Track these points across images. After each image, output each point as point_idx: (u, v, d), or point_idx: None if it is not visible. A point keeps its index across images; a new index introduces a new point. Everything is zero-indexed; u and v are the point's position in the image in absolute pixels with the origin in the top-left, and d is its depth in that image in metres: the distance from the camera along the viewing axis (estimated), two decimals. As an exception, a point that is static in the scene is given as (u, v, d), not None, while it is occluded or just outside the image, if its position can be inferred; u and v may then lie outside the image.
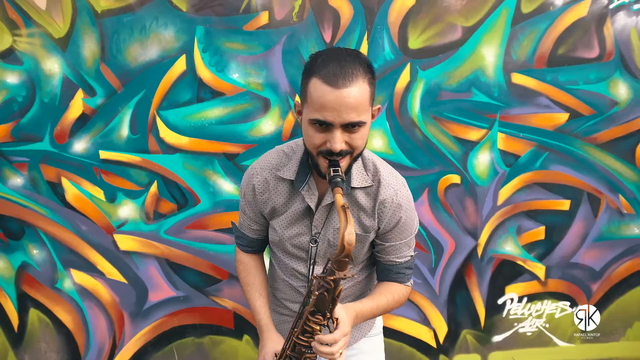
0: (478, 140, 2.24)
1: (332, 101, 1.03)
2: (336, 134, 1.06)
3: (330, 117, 1.05)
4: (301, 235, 1.33)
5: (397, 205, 1.27)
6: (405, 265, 1.36)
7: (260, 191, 1.33)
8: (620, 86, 2.23)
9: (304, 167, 1.27)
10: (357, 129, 1.08)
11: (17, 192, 2.07)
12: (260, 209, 1.37)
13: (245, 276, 1.48)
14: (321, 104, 1.04)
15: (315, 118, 1.07)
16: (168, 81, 2.05)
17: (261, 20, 2.03)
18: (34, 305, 2.18)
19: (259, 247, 1.51)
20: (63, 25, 1.95)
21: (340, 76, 1.03)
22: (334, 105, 1.03)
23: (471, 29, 2.13)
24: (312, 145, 1.13)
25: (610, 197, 2.35)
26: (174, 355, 2.28)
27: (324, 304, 1.11)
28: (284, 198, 1.31)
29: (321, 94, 1.04)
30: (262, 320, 1.41)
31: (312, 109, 1.07)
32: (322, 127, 1.08)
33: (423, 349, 2.40)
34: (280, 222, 1.34)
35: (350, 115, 1.05)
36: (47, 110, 2.01)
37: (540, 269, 2.40)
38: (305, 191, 1.27)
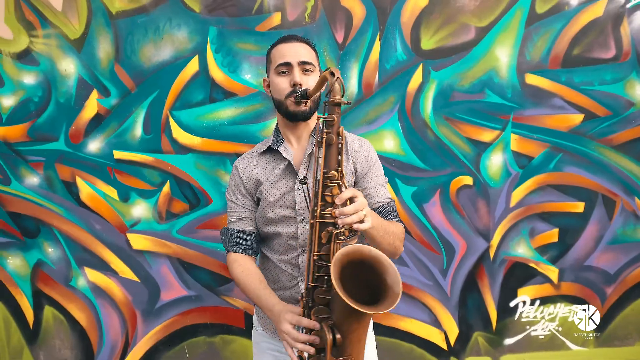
0: (491, 141, 2.22)
1: (288, 48, 1.39)
2: (295, 71, 1.36)
3: (289, 57, 1.36)
4: (286, 194, 1.42)
5: (363, 147, 1.48)
6: (390, 206, 1.46)
7: (243, 169, 1.49)
8: (636, 87, 2.20)
9: (277, 136, 1.48)
10: (311, 72, 1.38)
11: (33, 191, 2.11)
12: (246, 187, 1.48)
13: (241, 271, 1.43)
14: (281, 53, 1.38)
15: (278, 63, 1.37)
16: (181, 82, 2.06)
17: (273, 21, 2.03)
18: (49, 303, 2.21)
19: (251, 244, 1.49)
20: (78, 27, 1.97)
21: (293, 38, 1.42)
22: (290, 51, 1.38)
23: (485, 29, 2.12)
24: (279, 91, 1.38)
25: (625, 200, 2.32)
26: (185, 354, 2.30)
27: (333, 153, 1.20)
28: (266, 167, 1.47)
29: (280, 49, 1.40)
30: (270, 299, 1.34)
31: (276, 61, 1.38)
32: (285, 72, 1.37)
33: (434, 351, 2.38)
34: (265, 187, 1.44)
35: (303, 56, 1.37)
36: (63, 111, 2.04)
37: (554, 271, 2.37)
38: (282, 149, 1.44)
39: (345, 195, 1.14)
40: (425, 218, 2.26)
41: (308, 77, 1.38)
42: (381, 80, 2.14)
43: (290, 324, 1.22)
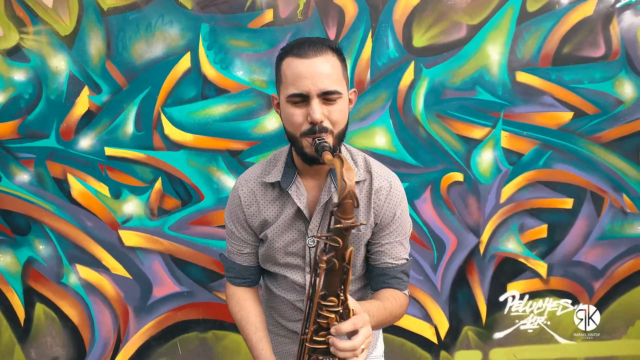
0: (482, 138, 2.24)
1: (305, 71, 1.05)
2: (314, 104, 1.06)
3: (306, 86, 1.05)
4: (295, 241, 1.25)
5: (392, 197, 1.24)
6: (402, 269, 1.28)
7: (247, 203, 1.26)
8: (625, 85, 2.22)
9: (289, 168, 1.23)
10: (335, 101, 1.08)
11: (23, 188, 2.10)
12: (250, 224, 1.28)
13: (238, 311, 1.33)
14: (296, 75, 1.06)
15: (292, 93, 1.07)
16: (173, 78, 2.05)
17: (266, 18, 2.03)
18: (40, 300, 2.21)
19: (251, 278, 1.37)
20: (69, 23, 1.96)
21: (310, 49, 1.06)
22: (307, 74, 1.05)
23: (476, 27, 2.13)
24: (294, 126, 1.10)
25: (613, 196, 2.35)
26: (178, 349, 2.31)
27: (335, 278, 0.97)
28: (274, 207, 1.24)
29: (294, 67, 1.06)
30: (261, 357, 1.26)
31: (289, 85, 1.08)
32: (300, 103, 1.08)
33: (424, 345, 2.41)
34: (272, 232, 1.25)
35: (324, 83, 1.05)
36: (54, 107, 2.03)
37: (542, 266, 2.40)
38: (294, 191, 1.21)
39: (344, 329, 0.97)
40: (416, 214, 2.28)
41: (332, 108, 1.08)
42: (373, 77, 2.15)
43: None
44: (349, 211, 0.92)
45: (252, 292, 1.38)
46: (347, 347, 0.97)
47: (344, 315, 1.01)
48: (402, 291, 1.28)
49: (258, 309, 1.35)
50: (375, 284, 1.30)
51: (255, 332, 1.29)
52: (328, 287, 0.99)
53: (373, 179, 1.23)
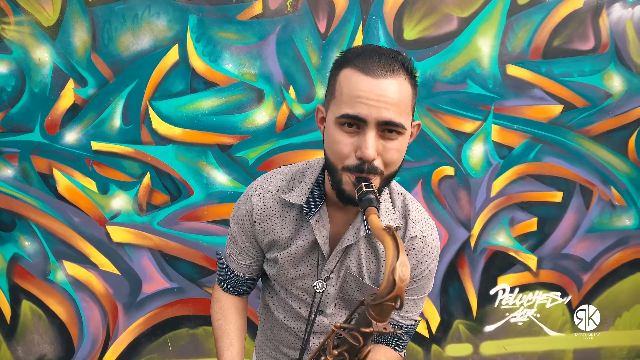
0: (472, 132, 2.24)
1: (368, 92, 0.84)
2: (369, 136, 0.85)
3: (365, 110, 0.84)
4: (305, 277, 1.10)
5: (424, 254, 1.06)
6: (407, 330, 1.13)
7: (259, 218, 1.09)
8: (614, 78, 2.23)
9: (317, 192, 1.04)
10: (395, 137, 0.88)
11: (7, 184, 2.05)
12: (258, 240, 1.14)
13: (218, 319, 1.21)
14: (355, 94, 0.85)
15: (345, 113, 0.86)
16: (161, 71, 2.02)
17: (255, 10, 2.00)
18: (27, 297, 2.17)
19: (242, 289, 1.24)
20: (53, 14, 1.91)
21: (380, 65, 0.85)
22: (371, 97, 0.84)
23: (467, 20, 2.12)
24: (336, 155, 0.90)
25: (602, 189, 2.37)
26: (168, 346, 2.28)
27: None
28: (289, 230, 1.08)
29: (355, 84, 0.85)
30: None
31: (342, 103, 0.87)
32: (352, 129, 0.87)
33: (416, 339, 2.42)
34: (284, 258, 1.10)
35: (389, 112, 0.84)
36: (38, 101, 1.98)
37: (532, 260, 2.42)
38: (315, 221, 1.03)
39: None
40: (408, 208, 2.27)
41: (389, 145, 0.88)
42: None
43: None
44: (386, 314, 0.76)
45: (238, 303, 1.26)
46: None
47: None
48: (399, 352, 1.15)
49: (240, 322, 1.23)
50: None
51: (229, 348, 1.16)
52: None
53: (408, 228, 1.05)
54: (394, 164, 0.91)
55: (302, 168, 1.11)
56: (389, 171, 0.91)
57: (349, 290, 1.10)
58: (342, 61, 0.91)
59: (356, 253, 1.05)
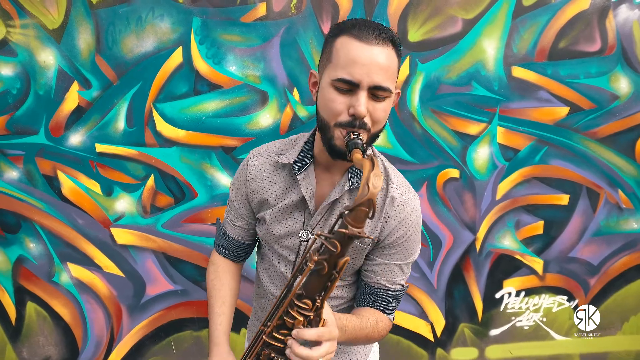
0: (477, 134, 2.22)
1: (363, 57, 0.95)
2: (362, 96, 0.96)
3: (359, 74, 0.95)
4: (293, 234, 1.17)
5: (405, 215, 1.13)
6: (394, 294, 1.18)
7: (252, 177, 1.19)
8: (621, 80, 2.21)
9: (306, 153, 1.15)
10: (382, 99, 0.99)
11: (12, 186, 2.06)
12: (249, 199, 1.22)
13: (212, 279, 1.29)
14: (351, 59, 0.95)
15: (341, 77, 0.96)
16: (164, 73, 2.02)
17: (258, 12, 2.00)
18: (32, 299, 2.18)
19: (237, 254, 1.32)
20: (57, 16, 1.92)
21: (374, 34, 0.96)
22: (365, 62, 0.94)
23: (472, 21, 2.11)
24: (331, 112, 1.00)
25: (609, 192, 2.35)
26: (172, 348, 2.28)
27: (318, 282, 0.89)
28: (278, 189, 1.17)
29: (351, 50, 0.96)
30: (215, 332, 1.21)
31: (339, 67, 0.97)
32: (345, 90, 0.98)
33: (420, 343, 2.40)
34: (270, 216, 1.18)
35: (379, 76, 0.95)
36: (42, 103, 1.99)
37: (539, 263, 2.39)
38: (302, 177, 1.12)
39: (307, 335, 0.90)
40: (412, 211, 2.26)
41: (378, 105, 1.00)
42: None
43: None
44: (361, 219, 0.84)
45: (233, 267, 1.34)
46: (302, 355, 0.90)
47: (313, 323, 0.93)
48: (388, 316, 1.19)
49: (233, 285, 1.31)
50: (361, 300, 1.20)
51: (221, 306, 1.25)
52: (307, 289, 0.91)
53: (388, 189, 1.14)
54: (380, 123, 1.03)
55: (296, 137, 1.22)
56: (376, 129, 1.03)
57: None
58: (338, 30, 1.01)
59: (338, 211, 1.11)
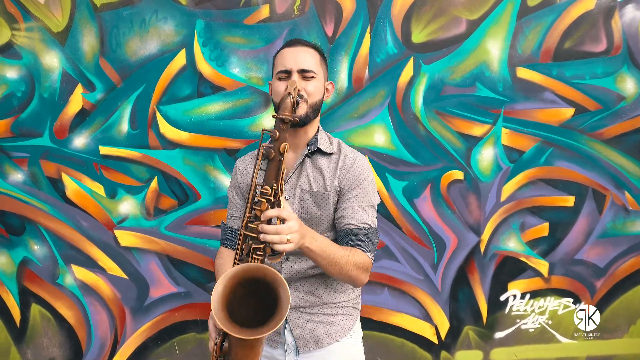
0: (482, 135, 2.21)
1: (289, 53, 1.39)
2: (294, 77, 1.36)
3: (289, 63, 1.37)
4: None
5: (356, 166, 1.42)
6: (363, 232, 1.38)
7: (240, 170, 1.52)
8: (627, 81, 2.19)
9: None
10: (310, 78, 1.37)
11: (17, 188, 2.07)
12: (241, 188, 1.50)
13: (219, 264, 1.49)
14: (284, 58, 1.39)
15: (279, 70, 1.38)
16: (168, 76, 2.03)
17: (262, 14, 2.00)
18: (36, 301, 2.18)
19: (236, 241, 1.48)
20: (62, 19, 1.93)
21: (297, 42, 1.43)
22: (291, 56, 1.38)
23: (476, 22, 2.10)
24: (278, 95, 1.36)
25: (615, 194, 2.32)
26: (175, 350, 2.28)
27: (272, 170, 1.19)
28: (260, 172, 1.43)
29: (284, 53, 1.40)
30: None
31: (278, 66, 1.40)
32: (284, 78, 1.37)
33: (425, 345, 2.39)
34: None
35: (304, 62, 1.37)
36: (47, 106, 2.00)
37: (544, 265, 2.37)
38: None
39: (269, 213, 1.14)
40: (416, 213, 2.25)
41: (307, 83, 1.37)
42: (371, 74, 2.12)
43: None
44: (287, 108, 1.22)
45: None
46: (270, 230, 1.12)
47: (275, 206, 1.20)
48: (366, 252, 1.37)
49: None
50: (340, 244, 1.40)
51: None
52: (265, 179, 1.21)
53: (341, 152, 1.46)
54: (314, 95, 1.38)
55: None
56: (312, 100, 1.38)
57: (306, 207, 1.41)
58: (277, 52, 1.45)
59: (305, 173, 1.42)
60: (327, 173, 1.42)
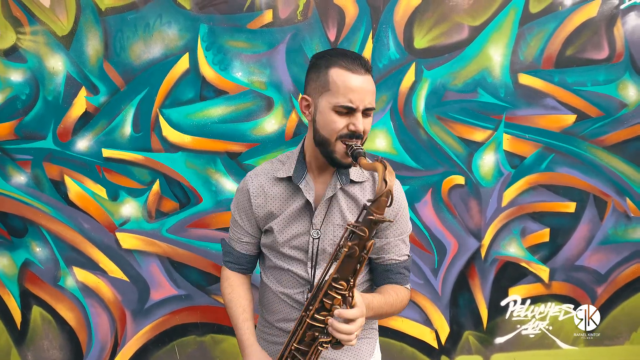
0: (483, 141, 2.21)
1: (357, 86, 1.17)
2: (359, 117, 1.19)
3: (357, 101, 1.17)
4: (300, 235, 1.32)
5: (397, 199, 1.34)
6: (404, 265, 1.37)
7: (255, 194, 1.35)
8: (629, 88, 2.20)
9: (300, 165, 1.33)
10: (370, 115, 1.24)
11: (20, 190, 2.08)
12: (255, 215, 1.37)
13: (229, 293, 1.43)
14: (348, 88, 1.17)
15: (342, 104, 1.18)
16: (171, 79, 2.04)
17: (265, 19, 2.01)
18: (37, 303, 2.19)
19: (246, 265, 1.46)
20: (67, 23, 1.94)
21: (362, 65, 1.19)
22: (359, 90, 1.17)
23: (478, 28, 2.10)
24: (333, 131, 1.20)
25: (617, 200, 2.33)
26: (176, 353, 2.28)
27: (350, 264, 1.09)
28: (281, 200, 1.33)
29: (347, 80, 1.17)
30: (244, 336, 1.35)
31: (339, 95, 1.18)
32: (345, 113, 1.19)
33: (425, 350, 2.38)
34: (277, 224, 1.33)
35: (370, 100, 1.20)
36: (51, 108, 2.01)
37: (545, 271, 2.37)
38: (304, 185, 1.30)
39: (346, 315, 1.08)
40: (417, 217, 2.25)
41: (367, 121, 1.23)
42: (374, 79, 2.12)
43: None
44: (382, 207, 1.07)
45: (244, 279, 1.47)
46: (344, 330, 1.07)
47: (348, 301, 1.12)
48: (404, 285, 1.38)
49: (249, 295, 1.44)
50: (380, 280, 1.39)
51: (243, 313, 1.38)
52: (341, 272, 1.10)
53: (375, 180, 1.36)
54: (367, 133, 1.25)
55: (284, 155, 1.41)
56: (365, 137, 1.24)
57: (337, 240, 1.31)
58: (329, 62, 1.21)
59: (337, 205, 1.31)
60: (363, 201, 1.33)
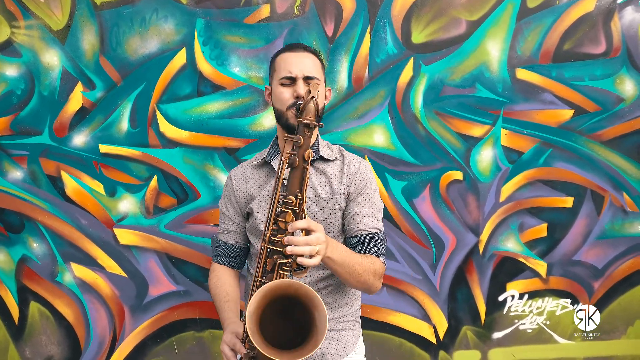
0: (481, 136, 2.21)
1: (294, 60, 1.36)
2: (300, 83, 1.33)
3: (295, 70, 1.34)
4: None
5: (362, 171, 1.42)
6: (374, 237, 1.38)
7: (236, 181, 1.48)
8: (626, 82, 2.20)
9: (274, 148, 1.47)
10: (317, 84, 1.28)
11: (16, 186, 2.07)
12: (238, 200, 1.47)
13: (215, 282, 1.46)
14: (287, 63, 1.36)
15: (283, 76, 1.35)
16: (168, 74, 2.03)
17: (262, 13, 2.00)
18: (35, 299, 2.18)
19: (234, 258, 1.50)
20: (62, 17, 1.93)
21: (299, 47, 1.40)
22: (296, 62, 1.35)
23: (476, 23, 2.10)
24: (282, 102, 1.35)
25: (614, 195, 2.33)
26: (174, 349, 2.29)
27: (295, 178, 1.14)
28: (260, 183, 1.45)
29: (286, 58, 1.37)
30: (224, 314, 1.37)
31: (280, 71, 1.36)
32: (288, 84, 1.34)
33: (423, 345, 2.39)
34: (256, 204, 1.42)
35: (308, 69, 1.35)
36: (46, 104, 2.00)
37: (542, 266, 2.38)
38: (276, 162, 1.42)
39: (298, 225, 1.10)
40: (415, 213, 2.26)
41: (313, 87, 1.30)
42: (371, 74, 2.12)
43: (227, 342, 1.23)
44: (310, 112, 1.16)
45: (232, 272, 1.52)
46: (300, 242, 1.09)
47: (300, 217, 1.14)
48: (379, 257, 1.38)
49: (234, 282, 1.48)
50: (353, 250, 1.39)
51: (225, 296, 1.41)
52: (288, 189, 1.15)
53: (345, 158, 1.45)
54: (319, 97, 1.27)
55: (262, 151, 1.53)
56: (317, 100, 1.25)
57: (313, 215, 1.38)
58: (277, 53, 1.42)
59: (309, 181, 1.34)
60: (334, 177, 1.41)
